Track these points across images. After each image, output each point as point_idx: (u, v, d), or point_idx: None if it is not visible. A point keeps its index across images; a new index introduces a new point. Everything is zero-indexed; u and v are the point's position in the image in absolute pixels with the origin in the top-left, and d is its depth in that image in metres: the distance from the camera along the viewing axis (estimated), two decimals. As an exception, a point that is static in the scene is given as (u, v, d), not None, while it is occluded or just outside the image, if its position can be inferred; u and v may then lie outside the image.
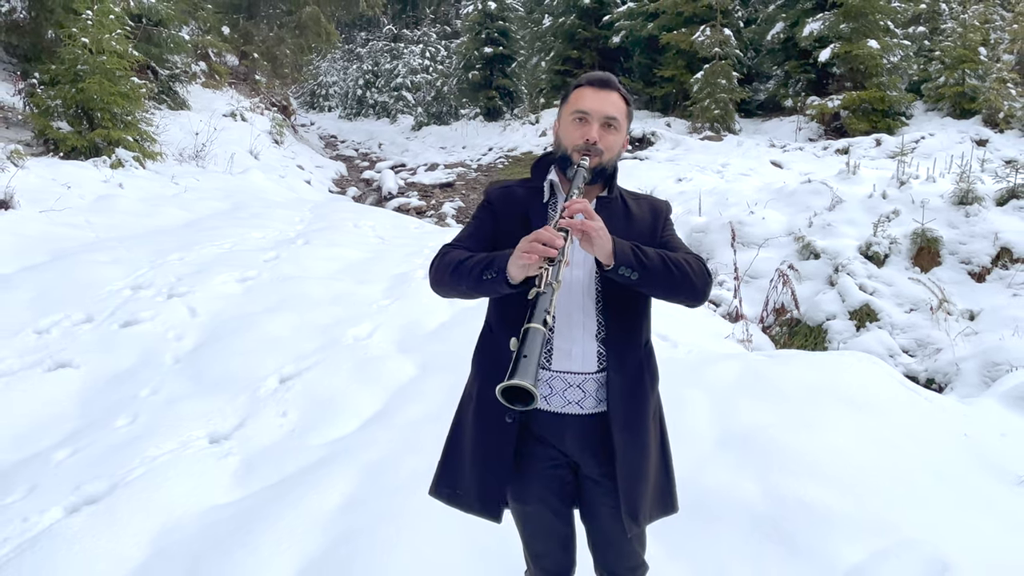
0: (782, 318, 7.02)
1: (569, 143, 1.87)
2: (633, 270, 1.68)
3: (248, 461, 3.55)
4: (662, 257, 1.74)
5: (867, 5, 15.21)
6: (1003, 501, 3.05)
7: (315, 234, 7.53)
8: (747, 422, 3.40)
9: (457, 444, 1.96)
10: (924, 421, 3.60)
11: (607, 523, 1.92)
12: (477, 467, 1.88)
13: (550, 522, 1.93)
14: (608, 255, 1.66)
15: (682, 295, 1.79)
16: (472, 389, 1.96)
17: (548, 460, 1.88)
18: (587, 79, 1.92)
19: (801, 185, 8.93)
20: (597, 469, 1.87)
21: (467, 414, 1.95)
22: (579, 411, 1.84)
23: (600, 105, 1.86)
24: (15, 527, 2.94)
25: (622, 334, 1.85)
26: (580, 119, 1.86)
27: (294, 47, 19.53)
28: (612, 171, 1.93)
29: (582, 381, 1.84)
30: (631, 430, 1.84)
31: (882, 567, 2.55)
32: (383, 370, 4.40)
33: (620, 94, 1.90)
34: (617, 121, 1.88)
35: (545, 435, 1.86)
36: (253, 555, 2.76)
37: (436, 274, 1.88)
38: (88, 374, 4.32)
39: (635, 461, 1.85)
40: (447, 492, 1.95)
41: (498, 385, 1.41)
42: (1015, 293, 6.72)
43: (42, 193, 7.58)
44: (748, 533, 2.80)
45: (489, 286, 1.71)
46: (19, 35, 11.18)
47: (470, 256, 1.79)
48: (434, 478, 1.99)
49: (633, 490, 1.84)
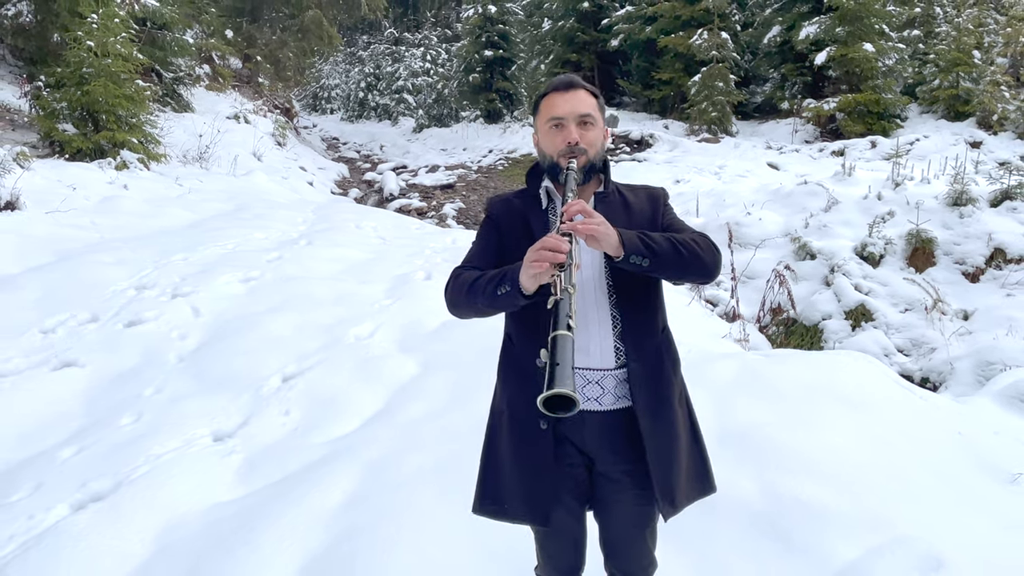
0: (779, 318, 7.02)
1: (552, 151, 1.88)
2: (643, 257, 1.68)
3: (251, 459, 3.55)
4: (670, 240, 1.75)
5: (863, 9, 15.21)
6: (996, 499, 3.05)
7: (317, 235, 7.53)
8: (744, 420, 3.40)
9: (494, 459, 1.95)
10: (919, 420, 3.60)
11: (620, 521, 1.91)
12: (522, 476, 1.87)
13: (564, 521, 1.91)
14: (616, 247, 1.66)
15: (694, 273, 1.80)
16: (502, 403, 1.94)
17: (565, 460, 1.87)
18: (551, 85, 1.93)
19: (797, 187, 8.93)
20: (613, 466, 1.86)
21: (500, 428, 1.94)
22: (597, 407, 1.84)
23: (571, 106, 1.87)
24: (21, 524, 2.95)
25: (638, 325, 1.85)
26: (556, 125, 1.87)
27: (297, 50, 19.53)
28: (603, 165, 1.94)
29: (600, 377, 1.83)
30: (657, 416, 1.84)
31: (877, 563, 2.55)
32: (384, 369, 4.40)
33: (586, 90, 1.91)
34: (591, 116, 1.88)
35: (567, 434, 1.86)
36: (256, 552, 2.76)
37: (452, 296, 1.87)
38: (93, 373, 4.32)
39: (665, 446, 1.84)
40: (492, 508, 1.93)
41: (538, 396, 1.40)
42: (1009, 293, 6.72)
43: (48, 194, 7.58)
44: (746, 530, 2.81)
45: (505, 300, 1.71)
46: (25, 38, 11.18)
47: (482, 274, 1.79)
48: (476, 496, 1.97)
49: (666, 475, 1.83)
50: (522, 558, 2.48)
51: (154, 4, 11.89)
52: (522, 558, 2.48)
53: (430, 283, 5.97)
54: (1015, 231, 7.20)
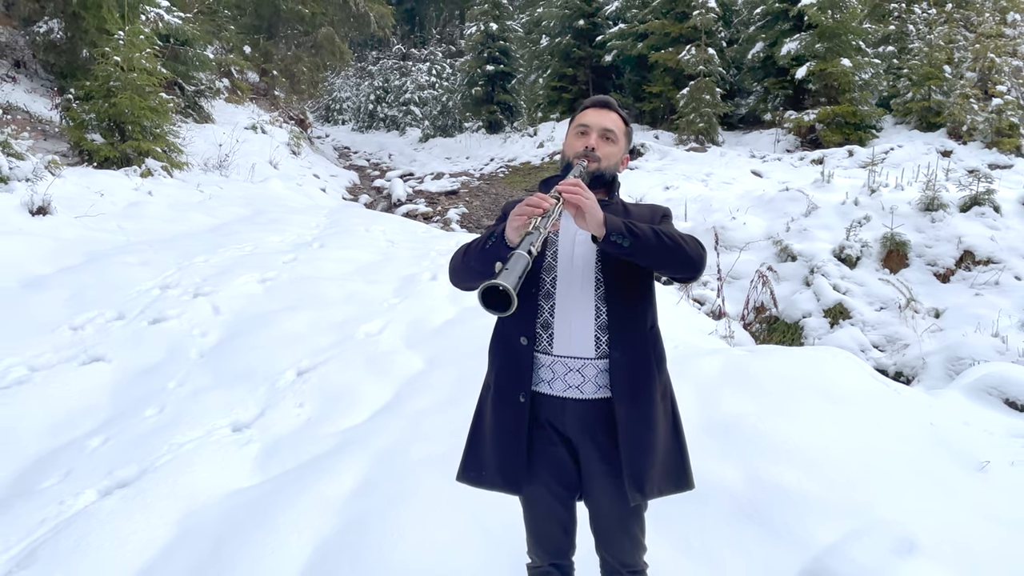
0: (762, 316, 7.01)
1: (571, 152, 1.95)
2: (624, 237, 1.66)
3: (267, 448, 3.55)
4: (653, 228, 1.74)
5: (840, 27, 15.20)
6: (965, 485, 3.05)
7: (330, 238, 7.52)
8: (729, 412, 3.39)
9: (479, 430, 1.96)
10: (893, 411, 3.59)
11: (607, 509, 1.89)
12: (497, 446, 1.87)
13: (550, 504, 1.90)
14: (599, 224, 1.65)
15: (676, 264, 1.76)
16: (489, 379, 1.96)
17: (549, 443, 1.86)
18: (590, 102, 2.00)
19: (779, 193, 8.93)
20: (596, 453, 1.84)
21: (486, 402, 1.95)
22: (579, 395, 1.83)
23: (599, 120, 1.94)
24: (52, 509, 2.95)
25: (624, 318, 1.83)
26: (582, 132, 1.94)
27: (310, 65, 19.52)
28: (612, 179, 1.96)
29: (581, 366, 1.82)
30: (634, 405, 1.81)
31: (854, 546, 2.55)
32: (392, 364, 4.40)
33: (618, 114, 1.98)
34: (614, 134, 1.93)
35: (549, 418, 1.86)
36: (272, 535, 2.76)
37: (451, 264, 1.91)
38: (119, 368, 4.32)
39: (638, 434, 1.81)
40: (473, 475, 1.93)
41: (477, 288, 1.44)
42: (977, 293, 6.72)
43: (77, 200, 7.58)
44: (730, 515, 2.80)
45: (492, 251, 1.73)
46: (56, 54, 11.17)
47: (476, 240, 1.85)
48: (460, 465, 1.97)
49: (637, 462, 1.80)
50: (519, 541, 2.48)
51: (177, 22, 11.87)
52: (519, 541, 2.48)
53: (435, 283, 5.97)
54: (983, 234, 7.21)
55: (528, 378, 1.84)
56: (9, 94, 10.41)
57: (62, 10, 10.74)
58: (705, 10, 16.63)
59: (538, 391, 1.85)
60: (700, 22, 16.65)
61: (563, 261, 1.85)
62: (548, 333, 1.83)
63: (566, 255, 1.86)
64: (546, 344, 1.84)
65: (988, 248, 7.07)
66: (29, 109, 10.40)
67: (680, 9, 17.54)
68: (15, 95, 10.55)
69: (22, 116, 9.98)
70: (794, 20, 16.21)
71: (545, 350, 1.84)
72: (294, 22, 19.36)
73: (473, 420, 1.99)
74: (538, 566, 2.00)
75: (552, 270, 1.85)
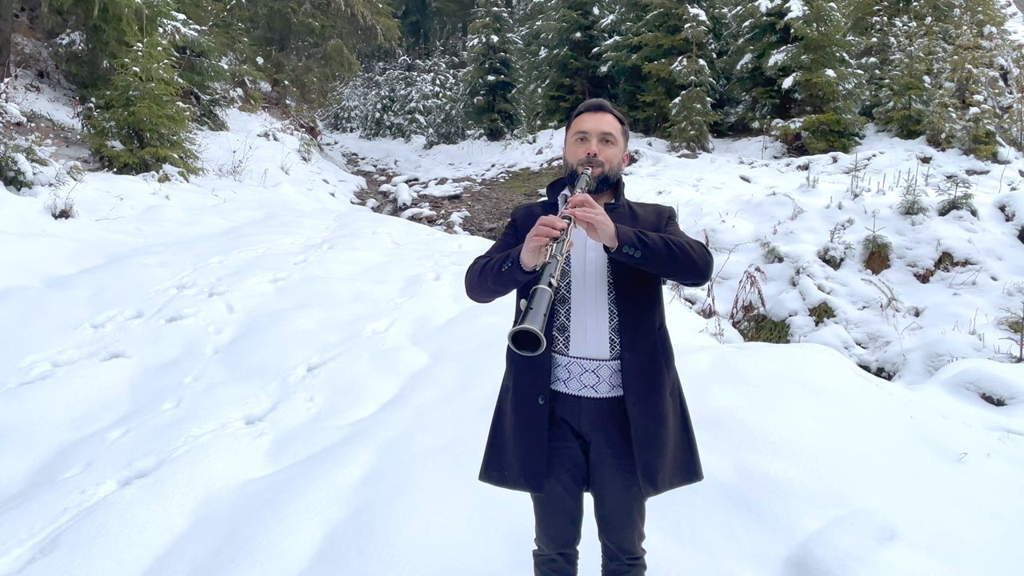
0: (750, 314, 7.02)
1: (574, 160, 1.92)
2: (635, 248, 1.67)
3: (279, 440, 3.55)
4: (663, 238, 1.74)
5: (825, 39, 15.21)
6: (944, 476, 3.05)
7: (339, 240, 7.52)
8: (719, 406, 3.39)
9: (499, 431, 1.95)
10: (875, 405, 3.60)
11: (612, 500, 1.89)
12: (519, 447, 1.86)
13: (561, 497, 1.89)
14: (611, 237, 1.66)
15: (685, 271, 1.77)
16: (508, 380, 1.94)
17: (563, 440, 1.86)
18: (584, 106, 1.97)
19: (767, 197, 8.93)
20: (607, 446, 1.85)
21: (506, 403, 1.93)
22: (594, 394, 1.83)
23: (596, 124, 1.91)
24: (74, 498, 2.95)
25: (635, 320, 1.83)
26: (581, 139, 1.92)
27: (320, 75, 19.51)
28: (616, 181, 1.95)
29: (596, 367, 1.83)
30: (646, 403, 1.82)
31: (837, 533, 2.55)
32: (398, 360, 4.40)
33: (614, 115, 1.95)
34: (613, 136, 1.92)
35: (565, 416, 1.85)
36: (284, 522, 2.76)
37: (468, 279, 1.89)
38: (138, 363, 4.32)
39: (650, 429, 1.82)
40: (496, 475, 1.93)
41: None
42: (955, 292, 6.73)
43: (98, 204, 7.58)
44: (720, 503, 2.81)
45: (507, 276, 1.73)
46: (78, 64, 11.18)
47: (492, 258, 1.83)
48: (482, 465, 1.97)
49: (649, 457, 1.81)
50: (519, 528, 2.49)
51: (193, 34, 11.87)
52: (519, 528, 2.49)
53: (439, 283, 5.97)
54: (961, 237, 7.21)
55: (547, 380, 1.84)
56: (33, 103, 10.41)
57: (84, 23, 10.76)
58: (696, 23, 16.63)
59: (555, 389, 1.85)
60: (691, 35, 16.64)
61: (576, 267, 1.86)
62: (564, 336, 1.84)
63: (579, 262, 1.86)
64: (562, 346, 1.84)
65: (966, 250, 7.07)
66: (52, 117, 10.40)
67: (672, 23, 17.52)
68: (39, 104, 10.55)
69: (45, 124, 9.99)
70: (781, 33, 16.20)
71: (562, 352, 1.84)
72: (304, 34, 19.36)
73: (493, 421, 1.98)
74: (545, 554, 2.00)
75: (566, 276, 1.86)
